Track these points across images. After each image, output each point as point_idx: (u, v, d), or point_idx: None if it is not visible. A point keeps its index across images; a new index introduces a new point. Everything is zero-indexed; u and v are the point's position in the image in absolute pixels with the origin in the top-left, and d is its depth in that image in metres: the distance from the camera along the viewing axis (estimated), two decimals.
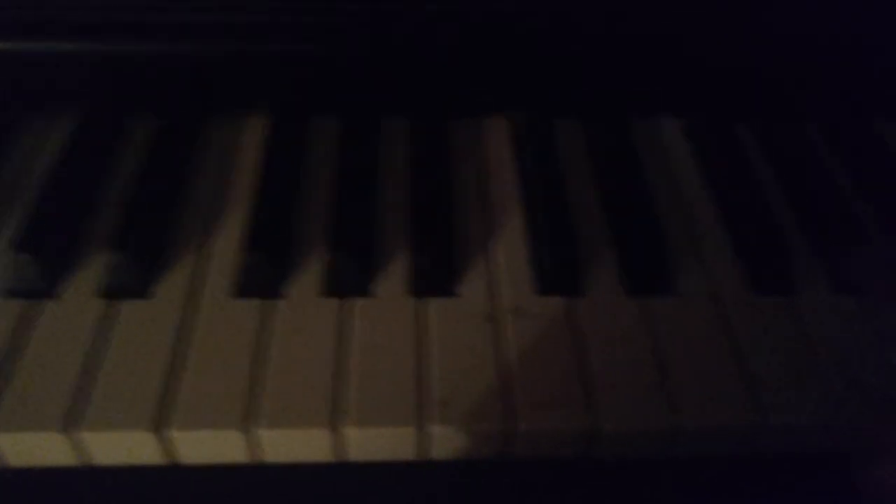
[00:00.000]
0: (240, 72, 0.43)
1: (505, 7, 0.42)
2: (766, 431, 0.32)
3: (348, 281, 0.36)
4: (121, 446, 0.31)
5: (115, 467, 0.32)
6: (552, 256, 0.37)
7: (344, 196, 0.40)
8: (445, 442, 0.32)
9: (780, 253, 0.38)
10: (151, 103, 0.44)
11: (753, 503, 0.35)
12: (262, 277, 0.36)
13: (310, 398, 0.32)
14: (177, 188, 0.41)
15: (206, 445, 0.32)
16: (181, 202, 0.40)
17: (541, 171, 0.42)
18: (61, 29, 0.41)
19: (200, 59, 0.42)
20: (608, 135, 0.44)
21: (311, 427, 0.31)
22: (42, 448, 0.31)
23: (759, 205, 0.41)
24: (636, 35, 0.43)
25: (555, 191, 0.41)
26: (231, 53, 0.42)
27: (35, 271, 0.36)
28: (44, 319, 0.34)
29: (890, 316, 0.36)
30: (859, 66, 0.45)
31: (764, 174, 0.43)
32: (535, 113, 0.45)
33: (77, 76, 0.42)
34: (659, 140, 0.45)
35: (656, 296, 0.36)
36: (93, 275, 0.37)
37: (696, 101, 0.46)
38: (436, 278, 0.36)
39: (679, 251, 0.39)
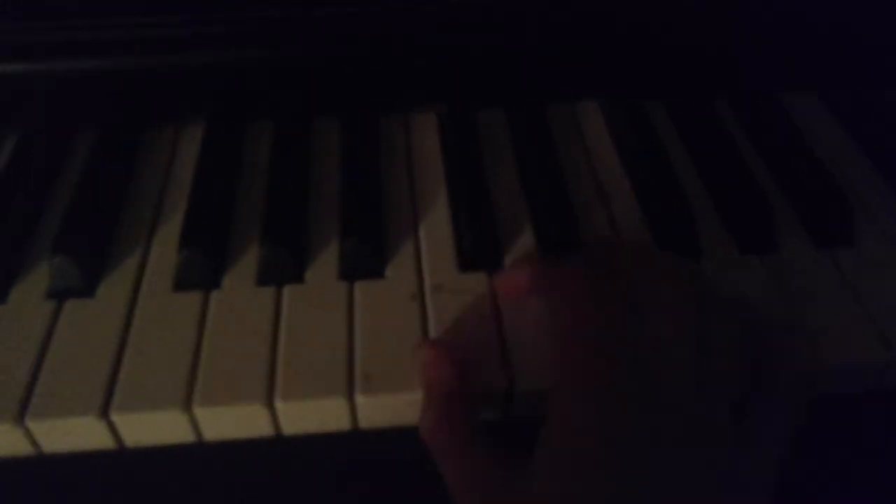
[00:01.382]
0: (175, 81, 0.46)
1: (426, 7, 0.45)
2: None
3: (281, 269, 0.39)
4: (70, 433, 0.34)
5: (66, 454, 0.35)
6: (472, 235, 0.40)
7: (276, 191, 0.42)
8: (372, 412, 0.35)
9: (690, 223, 0.41)
10: (92, 113, 0.46)
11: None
12: (198, 271, 0.38)
13: (244, 377, 0.34)
14: (119, 192, 0.43)
15: (151, 427, 0.34)
16: (125, 205, 0.43)
17: (464, 159, 0.44)
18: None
19: (135, 71, 0.45)
20: (526, 120, 0.47)
21: (245, 403, 0.34)
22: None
23: (669, 178, 0.43)
24: (548, 22, 0.46)
25: (476, 175, 0.43)
26: (164, 64, 0.45)
27: None
28: None
29: None
30: (770, 40, 0.48)
31: (674, 149, 0.46)
32: (460, 105, 0.48)
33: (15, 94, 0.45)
34: (576, 122, 0.48)
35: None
36: (39, 278, 0.39)
37: (610, 83, 0.48)
38: (362, 262, 0.39)
39: (593, 223, 0.42)
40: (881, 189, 0.44)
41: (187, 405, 0.34)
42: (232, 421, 0.34)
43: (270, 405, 0.34)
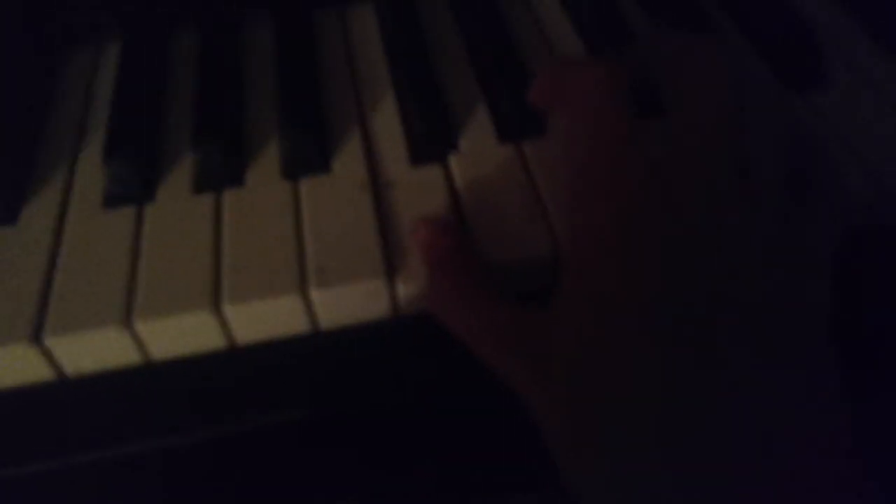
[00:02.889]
0: None
1: None
2: None
3: (218, 173, 0.36)
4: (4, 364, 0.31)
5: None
6: (422, 123, 0.37)
7: (207, 92, 0.39)
8: (331, 307, 0.32)
9: None
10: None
11: None
12: (127, 184, 0.35)
13: (187, 286, 0.32)
14: (39, 116, 0.40)
15: (89, 349, 0.31)
16: (45, 129, 0.39)
17: (406, 45, 0.41)
18: None
19: None
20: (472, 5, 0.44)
21: (189, 312, 0.31)
22: None
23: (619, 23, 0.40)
24: None
25: (421, 61, 0.40)
26: None
27: None
28: None
29: None
30: None
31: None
32: None
33: None
34: None
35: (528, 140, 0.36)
36: None
37: None
38: (306, 155, 0.36)
39: None
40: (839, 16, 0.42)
41: (127, 322, 0.31)
42: (179, 334, 0.32)
43: (218, 311, 0.31)
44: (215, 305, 0.31)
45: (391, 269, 0.32)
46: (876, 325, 0.36)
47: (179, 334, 0.32)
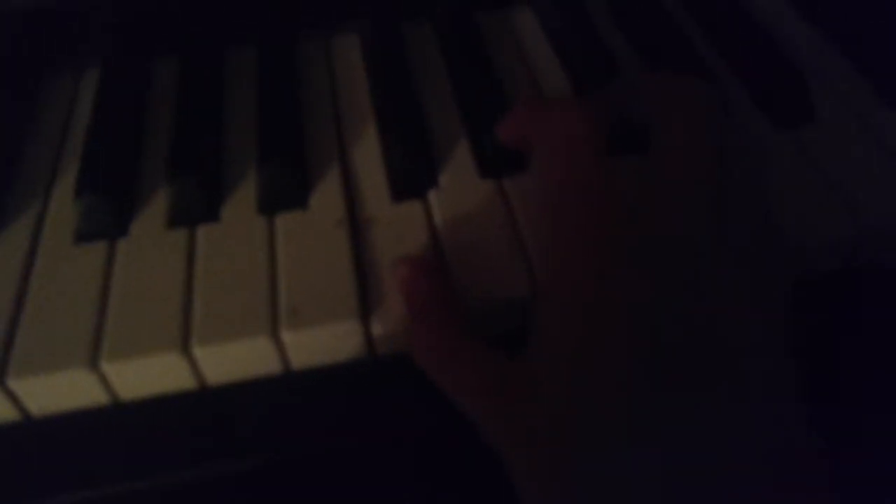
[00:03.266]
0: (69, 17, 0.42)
1: None
2: None
3: (192, 207, 0.35)
4: None
5: None
6: (403, 158, 0.36)
7: (184, 123, 0.38)
8: (303, 349, 0.31)
9: None
10: None
11: None
12: (100, 218, 0.34)
13: (157, 326, 0.31)
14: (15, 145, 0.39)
15: (56, 391, 0.30)
16: (21, 158, 0.39)
17: (390, 77, 0.41)
18: None
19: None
20: (456, 31, 0.43)
21: (158, 352, 0.30)
22: None
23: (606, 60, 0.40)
24: None
25: (405, 95, 0.40)
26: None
27: None
28: None
29: None
30: None
31: (612, 37, 0.43)
32: (382, 19, 0.44)
33: None
34: (511, 28, 0.44)
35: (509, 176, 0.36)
36: None
37: None
38: (283, 190, 0.35)
39: None
40: (830, 56, 0.41)
41: (94, 363, 0.30)
42: (148, 375, 0.31)
43: (187, 352, 0.30)
44: (184, 347, 0.30)
45: (367, 309, 0.31)
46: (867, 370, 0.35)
47: (148, 375, 0.31)
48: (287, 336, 0.31)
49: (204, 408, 0.32)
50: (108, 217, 0.35)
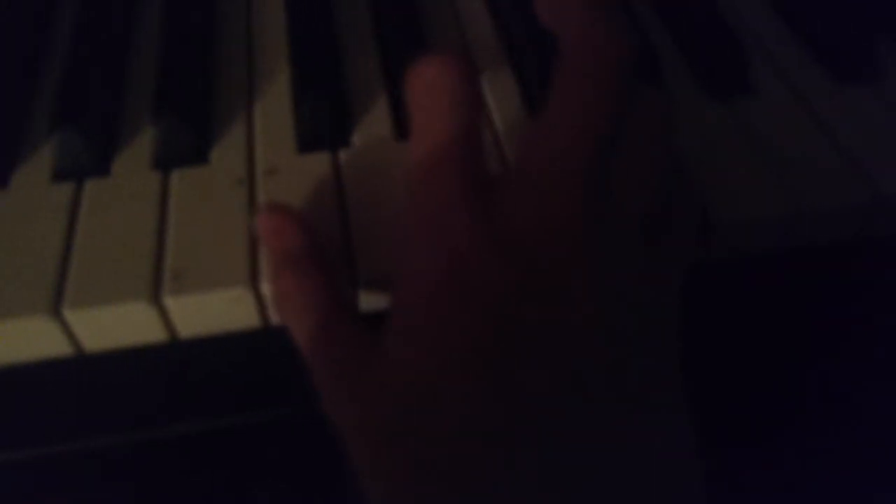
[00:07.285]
0: None
1: None
2: None
3: (79, 160, 0.32)
4: None
5: None
6: (313, 104, 0.33)
7: (77, 63, 0.35)
8: (188, 316, 0.29)
9: None
10: None
11: None
12: None
13: (28, 287, 0.28)
14: None
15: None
16: None
17: (309, 19, 0.38)
18: None
19: None
20: None
21: (25, 315, 0.28)
22: None
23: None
24: None
25: (323, 38, 0.37)
26: None
27: None
28: None
29: None
30: None
31: None
32: None
33: None
34: None
35: None
36: None
37: None
38: (181, 144, 0.33)
39: None
40: (777, 28, 0.39)
41: None
42: (18, 340, 0.28)
43: (57, 315, 0.28)
44: (55, 310, 0.28)
45: (258, 274, 0.29)
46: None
47: (20, 339, 0.28)
48: (170, 301, 0.28)
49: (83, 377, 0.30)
50: None
